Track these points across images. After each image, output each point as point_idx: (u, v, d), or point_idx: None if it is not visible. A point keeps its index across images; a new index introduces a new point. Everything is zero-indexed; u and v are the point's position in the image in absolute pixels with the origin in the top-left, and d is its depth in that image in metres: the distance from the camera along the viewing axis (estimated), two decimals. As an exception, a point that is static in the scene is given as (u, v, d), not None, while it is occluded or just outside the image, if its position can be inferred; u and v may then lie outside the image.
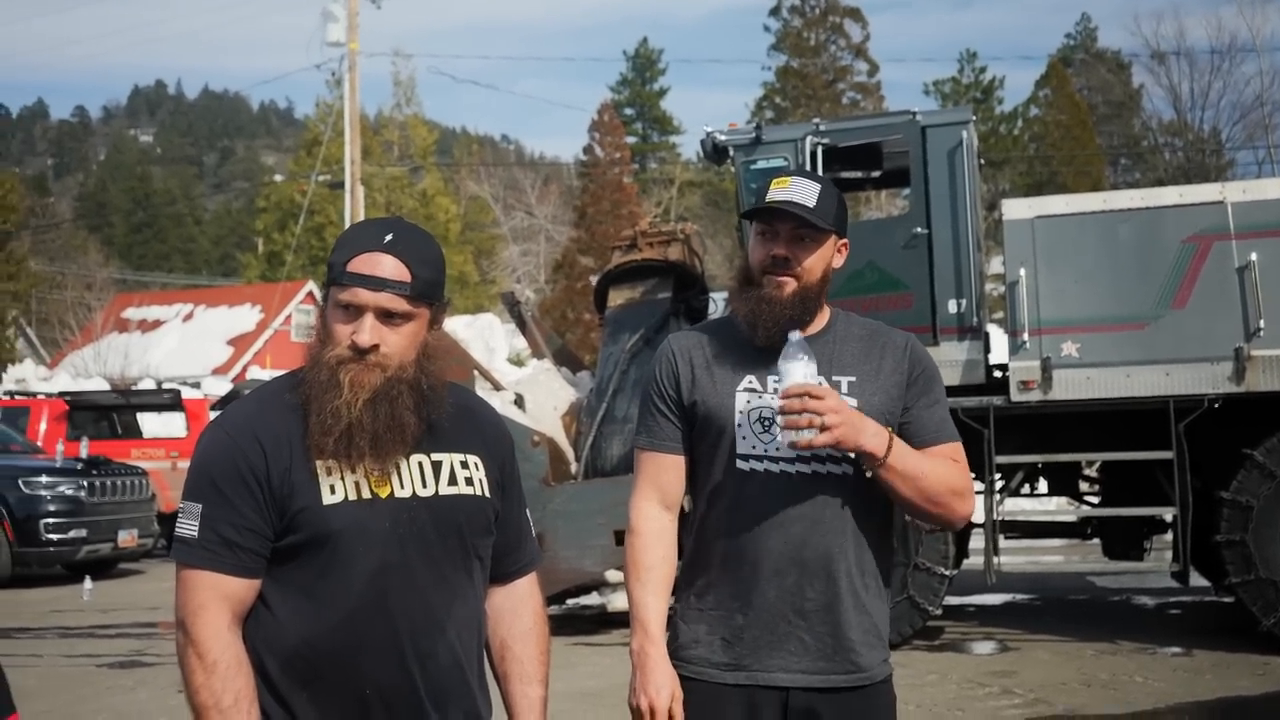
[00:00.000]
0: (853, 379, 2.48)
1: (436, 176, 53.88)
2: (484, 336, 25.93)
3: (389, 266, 2.06)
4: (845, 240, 2.56)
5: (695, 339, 2.62)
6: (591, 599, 9.58)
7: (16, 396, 18.82)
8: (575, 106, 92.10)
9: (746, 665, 2.46)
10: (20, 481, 12.98)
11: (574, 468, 9.53)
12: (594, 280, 11.68)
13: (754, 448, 2.46)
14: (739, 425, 2.47)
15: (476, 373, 9.32)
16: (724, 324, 2.66)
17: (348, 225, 24.84)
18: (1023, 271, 8.16)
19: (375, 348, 2.05)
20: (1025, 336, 8.10)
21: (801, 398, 2.31)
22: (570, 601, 10.09)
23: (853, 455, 2.41)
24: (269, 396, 2.17)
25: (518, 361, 27.26)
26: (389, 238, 2.08)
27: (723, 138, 9.05)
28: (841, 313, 2.60)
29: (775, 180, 2.53)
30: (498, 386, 9.65)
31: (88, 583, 12.51)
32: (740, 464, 2.46)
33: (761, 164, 8.81)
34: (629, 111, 56.53)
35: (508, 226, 50.44)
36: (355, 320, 2.06)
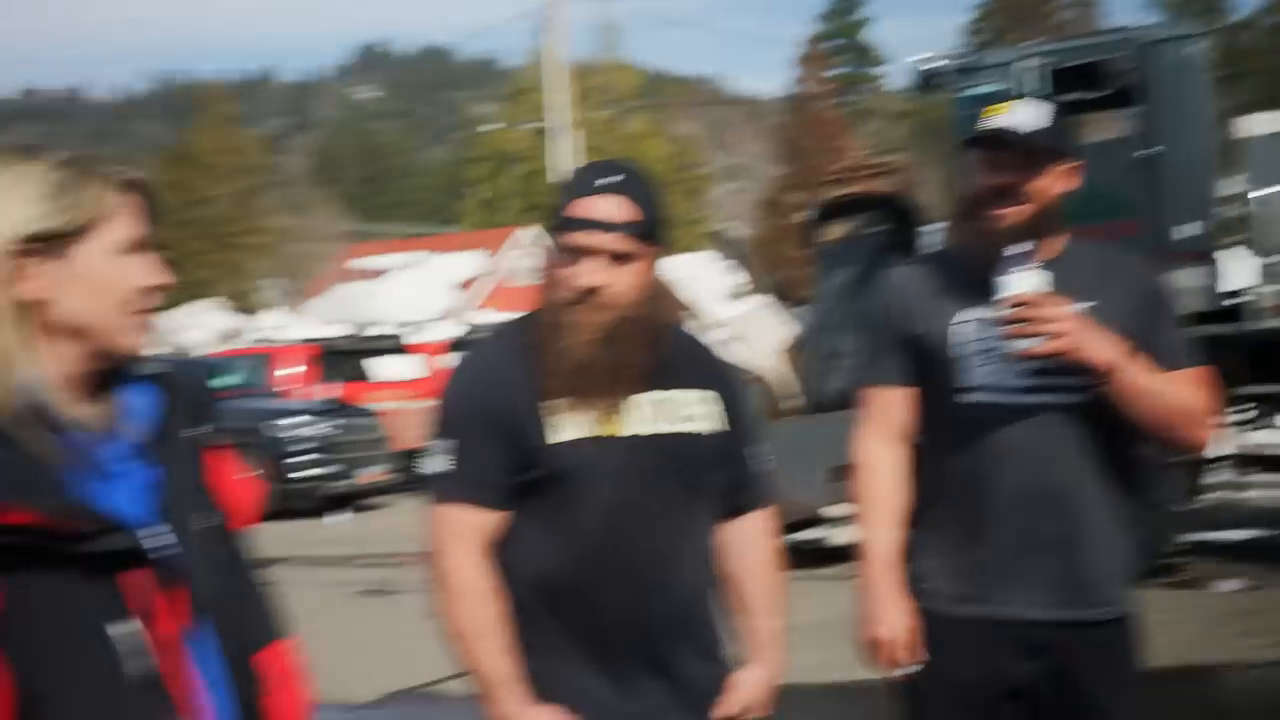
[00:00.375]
0: (1086, 305, 2.39)
1: (644, 119, 54.06)
2: (697, 276, 26.02)
3: (614, 209, 2.08)
4: (1072, 163, 2.45)
5: (918, 272, 2.57)
6: (812, 533, 9.56)
7: (266, 344, 20.03)
8: (779, 42, 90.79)
9: (981, 598, 2.42)
10: (272, 421, 13.80)
11: (792, 403, 9.50)
12: (805, 216, 11.55)
13: (982, 379, 2.40)
14: (965, 356, 2.42)
15: (694, 312, 9.39)
16: (947, 256, 2.61)
17: (555, 171, 25.33)
18: (1272, 190, 7.63)
19: (602, 289, 2.08)
20: (1277, 258, 7.59)
21: (1024, 307, 2.24)
22: (790, 536, 10.11)
23: (1086, 381, 2.32)
24: (503, 339, 2.25)
25: (730, 298, 27.27)
26: (612, 180, 2.10)
27: (933, 67, 8.76)
28: (1073, 239, 2.51)
29: (995, 107, 2.44)
30: (713, 325, 9.70)
31: (334, 516, 13.29)
32: (966, 396, 2.41)
33: (974, 91, 8.50)
34: (833, 44, 55.23)
35: (717, 165, 50.25)
36: (581, 263, 2.09)
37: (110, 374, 1.49)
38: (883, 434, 2.54)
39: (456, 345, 20.74)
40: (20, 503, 1.31)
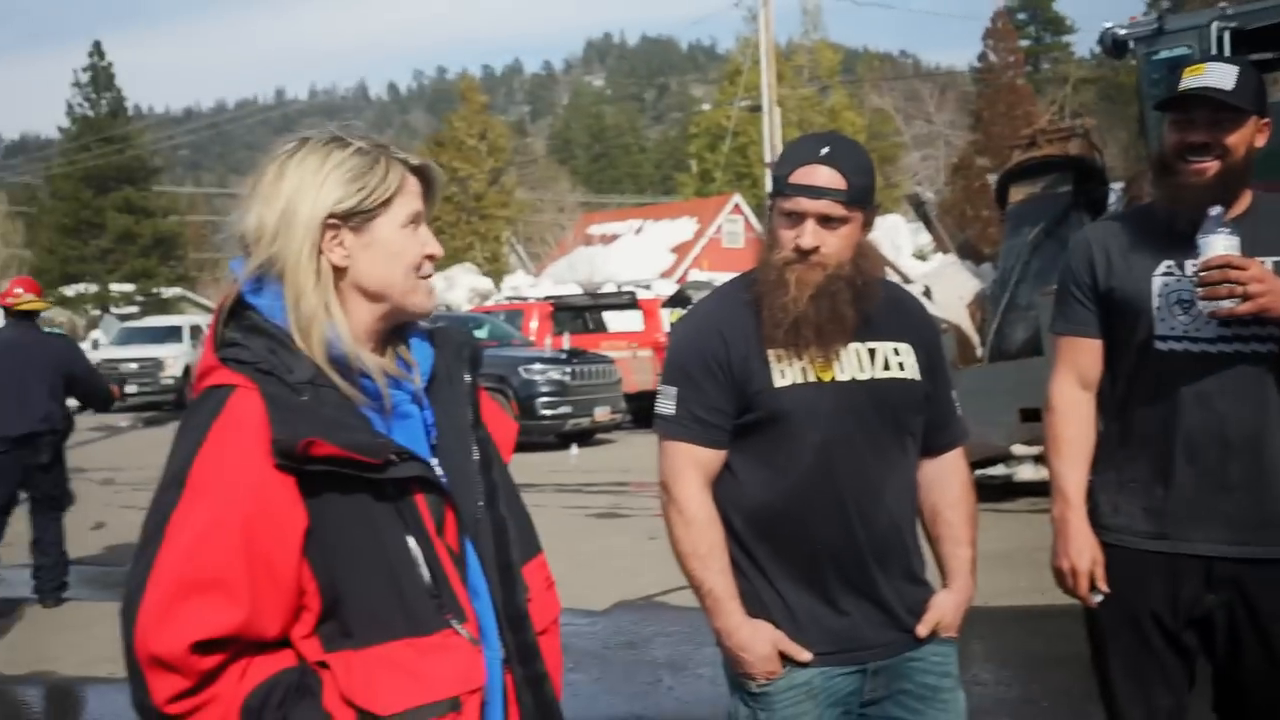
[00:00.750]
0: (1278, 259, 2.20)
1: (842, 94, 52.81)
2: (890, 236, 25.35)
3: (826, 176, 2.05)
4: (1267, 119, 2.26)
5: (1111, 227, 2.42)
6: (997, 470, 9.25)
7: (514, 301, 20.70)
8: (970, 16, 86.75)
9: (1169, 534, 2.29)
10: (520, 368, 14.25)
11: (979, 351, 9.18)
12: (994, 179, 11.06)
13: (1173, 329, 2.26)
14: (1157, 308, 2.27)
15: (888, 268, 9.16)
16: (1140, 212, 2.44)
17: (766, 144, 25.04)
18: None
19: (816, 249, 2.05)
20: None
21: (1222, 269, 2.09)
22: (978, 472, 9.81)
23: (1277, 333, 2.16)
24: (727, 295, 2.24)
25: (921, 256, 26.51)
26: (825, 150, 2.07)
27: (1123, 31, 8.17)
28: (1264, 194, 2.31)
29: (1189, 69, 2.26)
30: (907, 280, 9.44)
31: (574, 449, 13.66)
32: (1159, 344, 2.27)
33: (1165, 54, 7.88)
34: (1021, 16, 52.41)
35: (909, 135, 48.71)
36: (798, 225, 2.07)
37: (395, 329, 1.55)
38: (1074, 380, 2.43)
39: (673, 301, 20.97)
40: (328, 437, 1.37)
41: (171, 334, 23.58)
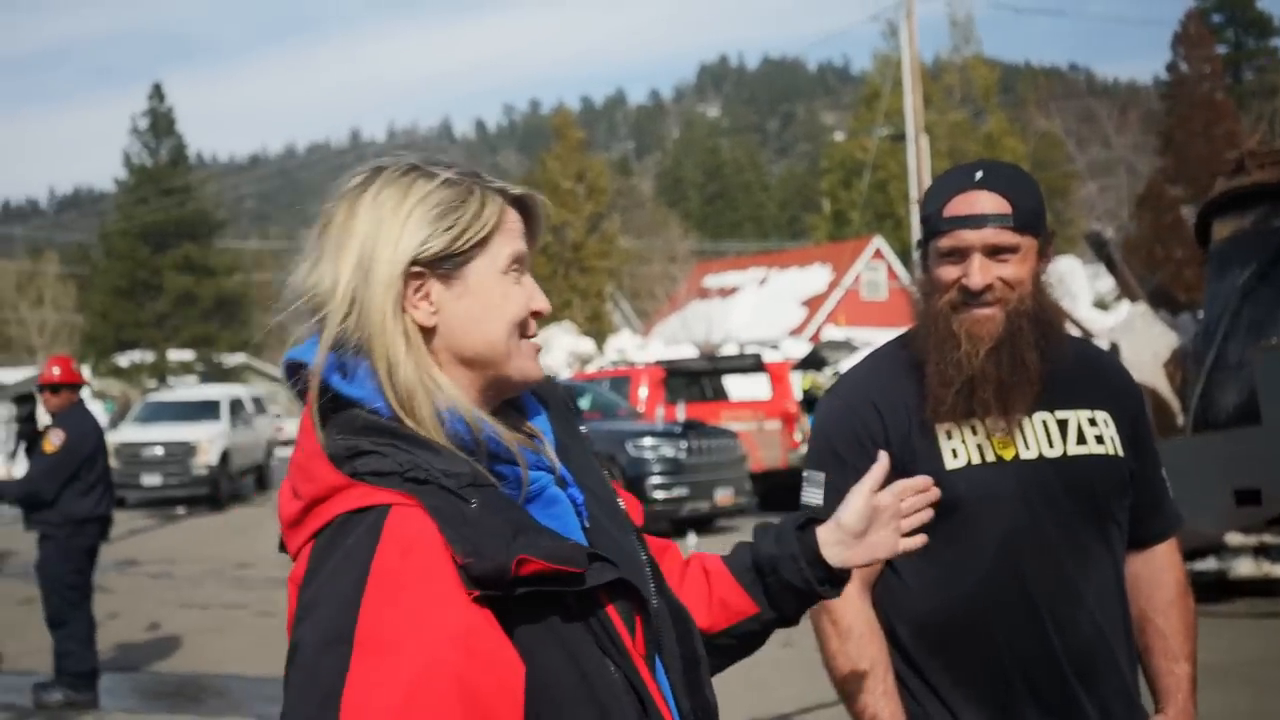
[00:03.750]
0: None
1: (1001, 117, 52.37)
2: (1065, 281, 24.85)
3: (986, 202, 2.01)
4: None
5: None
6: (1208, 564, 8.89)
7: (619, 366, 20.83)
8: (1154, 21, 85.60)
9: None
10: (628, 444, 14.27)
11: (1180, 420, 8.88)
12: (1192, 211, 10.78)
13: None
14: None
15: (1067, 321, 8.97)
16: None
17: (912, 177, 24.90)
18: None
19: (989, 287, 2.00)
20: None
21: None
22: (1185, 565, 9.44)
23: None
24: (882, 359, 2.20)
25: (1103, 306, 25.90)
26: (980, 174, 2.04)
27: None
28: None
29: None
30: (1088, 335, 9.22)
31: (691, 538, 13.58)
32: None
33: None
34: (1217, 19, 51.41)
35: (1083, 162, 47.91)
36: (961, 264, 2.02)
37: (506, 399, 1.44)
38: None
39: (806, 363, 20.86)
40: (534, 551, 1.24)
41: (206, 410, 21.45)
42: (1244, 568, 8.46)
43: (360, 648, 1.18)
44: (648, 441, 14.30)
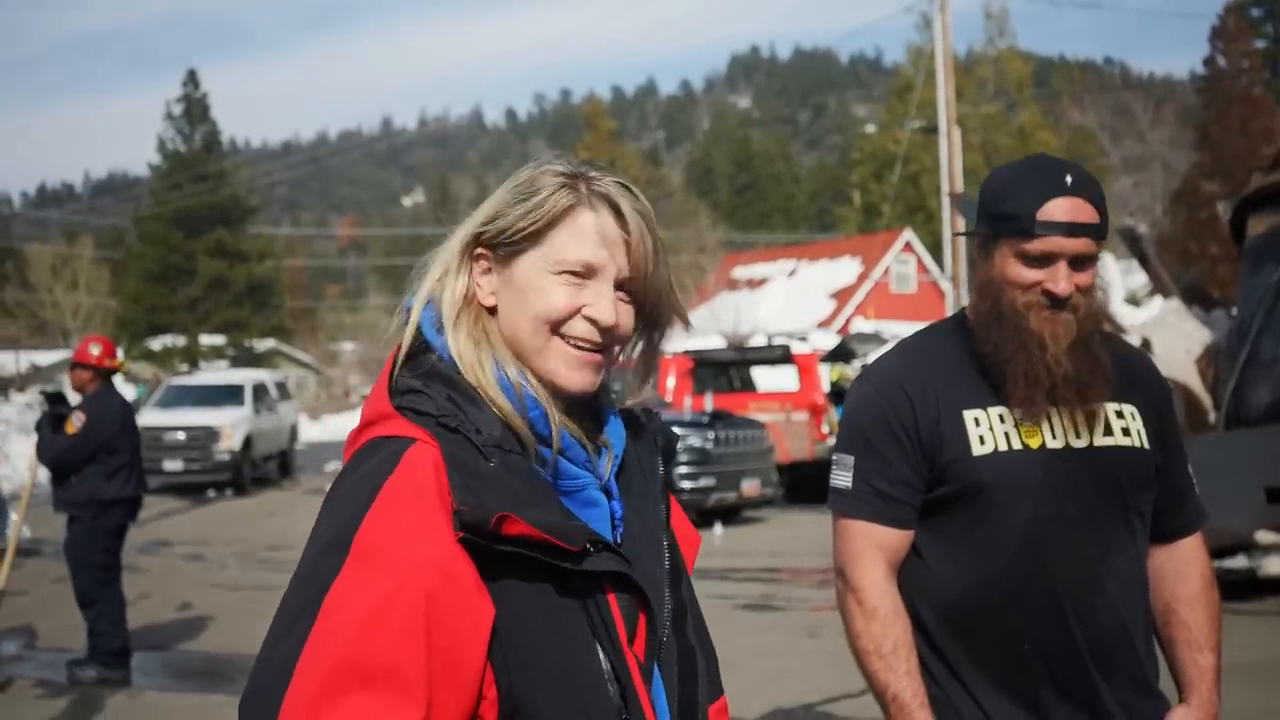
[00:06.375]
0: None
1: (1034, 110, 52.07)
2: (1102, 277, 24.65)
3: (1080, 210, 2.03)
4: None
5: None
6: (1238, 562, 8.85)
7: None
8: (1192, 14, 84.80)
9: None
10: (660, 434, 14.29)
11: (1212, 417, 8.83)
12: (1227, 207, 10.69)
13: None
14: None
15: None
16: None
17: (944, 171, 24.75)
18: None
19: (1070, 295, 2.04)
20: None
21: None
22: (1215, 564, 9.39)
23: None
24: (914, 348, 2.22)
25: (1135, 301, 25.70)
26: (1070, 179, 2.04)
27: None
28: None
29: None
30: (1121, 330, 9.17)
31: (718, 528, 13.61)
32: None
33: None
34: (1256, 13, 50.86)
35: (1117, 157, 47.52)
36: (1045, 268, 2.04)
37: (585, 402, 1.47)
38: None
39: (834, 355, 20.80)
40: (523, 514, 1.30)
41: (230, 395, 21.29)
42: (1274, 566, 8.41)
43: (354, 555, 1.27)
44: (675, 431, 14.27)
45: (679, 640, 1.47)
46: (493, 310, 1.44)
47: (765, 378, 20.72)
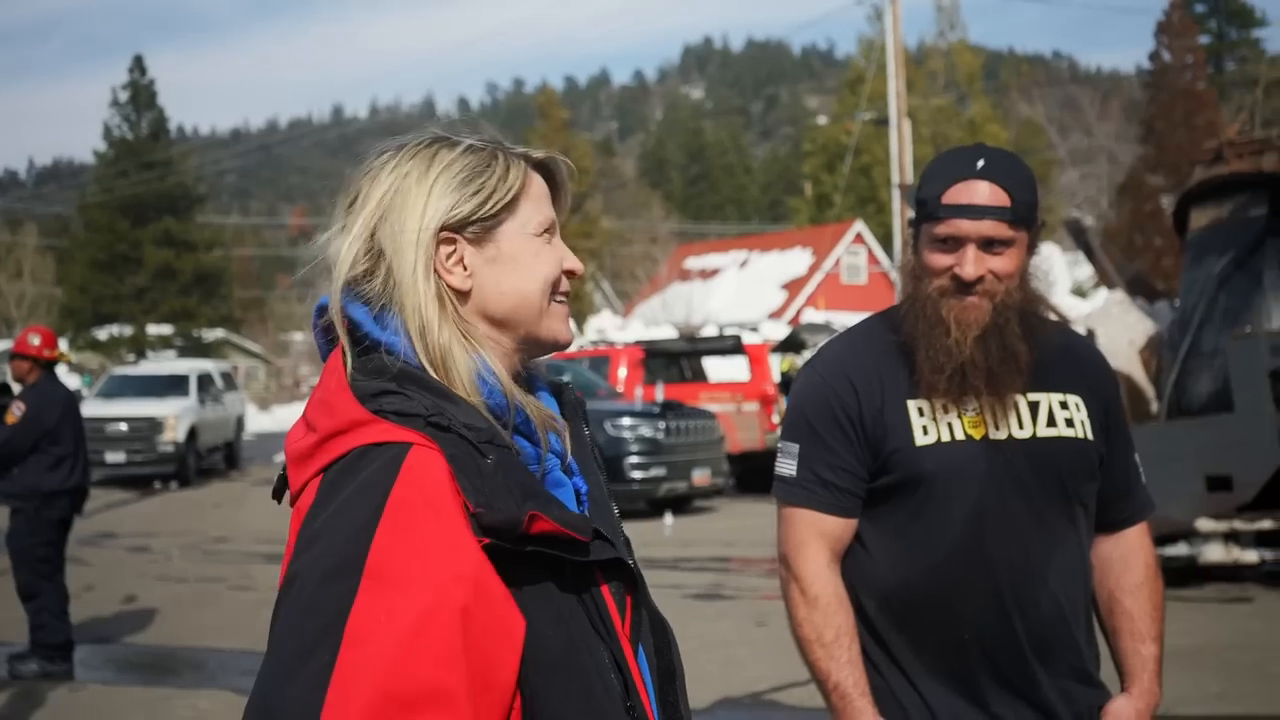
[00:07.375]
0: None
1: (984, 103, 52.46)
2: (1042, 268, 24.92)
3: (986, 193, 2.02)
4: None
5: None
6: (1178, 549, 8.98)
7: (599, 346, 20.81)
8: (1138, 10, 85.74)
9: None
10: (606, 424, 14.24)
11: (1155, 406, 8.94)
12: (1171, 200, 10.84)
13: None
14: None
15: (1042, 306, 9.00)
16: None
17: (894, 162, 24.91)
18: None
19: (981, 279, 2.03)
20: None
21: None
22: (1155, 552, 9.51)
23: None
24: (860, 337, 2.22)
25: (1081, 293, 26.02)
26: (981, 163, 2.04)
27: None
28: None
29: None
30: (1065, 321, 9.25)
31: (668, 518, 13.62)
32: None
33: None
34: (1200, 8, 51.54)
35: (1064, 150, 48.05)
36: (954, 252, 2.04)
37: (524, 377, 1.45)
38: None
39: (785, 345, 20.88)
40: (545, 511, 1.26)
41: (175, 385, 20.90)
42: (1214, 553, 8.53)
43: (370, 577, 1.18)
44: (626, 421, 14.29)
45: (649, 610, 1.45)
46: (465, 294, 1.39)
47: (716, 368, 20.75)
